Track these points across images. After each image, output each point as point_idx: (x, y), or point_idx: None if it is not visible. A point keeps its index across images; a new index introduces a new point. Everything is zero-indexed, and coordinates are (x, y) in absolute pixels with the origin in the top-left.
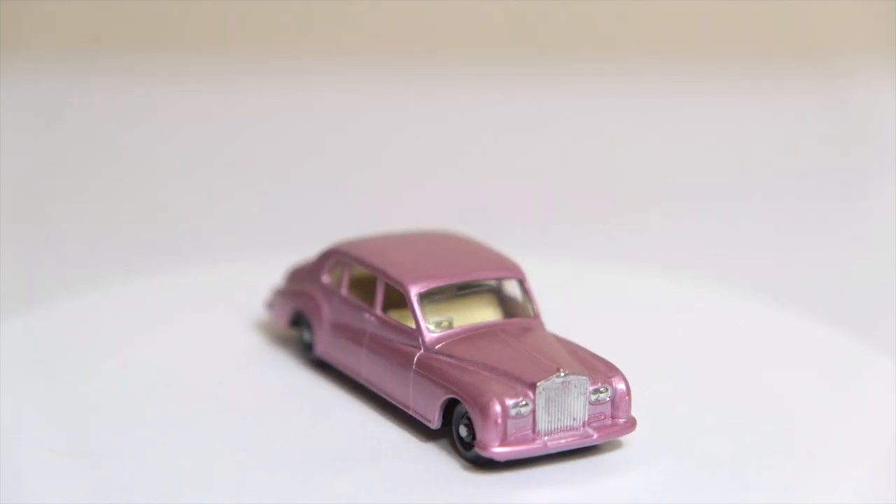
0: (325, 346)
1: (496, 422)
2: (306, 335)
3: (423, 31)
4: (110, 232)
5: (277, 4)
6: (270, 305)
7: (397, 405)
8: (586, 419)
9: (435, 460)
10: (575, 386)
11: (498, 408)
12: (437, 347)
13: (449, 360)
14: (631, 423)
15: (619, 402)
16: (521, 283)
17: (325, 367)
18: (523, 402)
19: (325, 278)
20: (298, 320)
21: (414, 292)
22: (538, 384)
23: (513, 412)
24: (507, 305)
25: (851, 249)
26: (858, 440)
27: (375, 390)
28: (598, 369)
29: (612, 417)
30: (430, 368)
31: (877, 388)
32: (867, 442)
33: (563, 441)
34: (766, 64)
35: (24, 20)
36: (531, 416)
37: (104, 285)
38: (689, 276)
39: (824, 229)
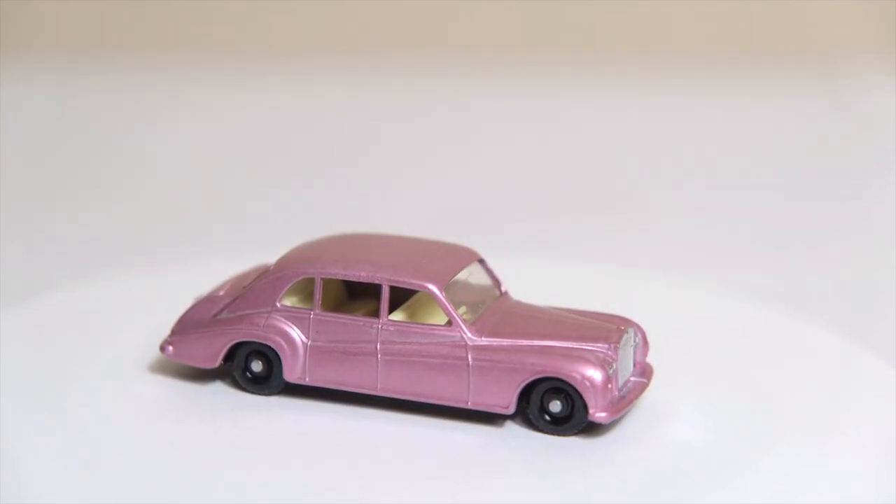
0: (304, 371)
1: (607, 387)
2: (257, 366)
3: (412, 30)
4: (109, 230)
5: (277, 5)
6: (169, 346)
7: (447, 405)
8: (633, 368)
9: (525, 446)
10: (629, 339)
11: (603, 375)
12: (484, 335)
13: (509, 343)
14: (650, 367)
15: (643, 349)
16: (483, 263)
17: (289, 393)
18: (612, 366)
19: (283, 301)
20: (232, 354)
21: (439, 289)
22: (619, 345)
23: (609, 376)
24: (456, 289)
25: (851, 250)
26: (856, 442)
27: (406, 397)
28: (619, 322)
29: (637, 364)
30: (494, 356)
31: (876, 390)
32: (865, 443)
33: (634, 391)
34: (766, 64)
35: (25, 20)
36: (615, 376)
37: (102, 283)
38: (687, 276)
39: (824, 229)
